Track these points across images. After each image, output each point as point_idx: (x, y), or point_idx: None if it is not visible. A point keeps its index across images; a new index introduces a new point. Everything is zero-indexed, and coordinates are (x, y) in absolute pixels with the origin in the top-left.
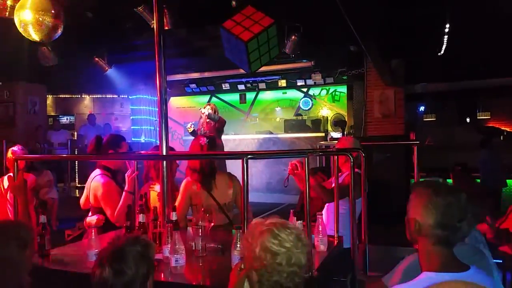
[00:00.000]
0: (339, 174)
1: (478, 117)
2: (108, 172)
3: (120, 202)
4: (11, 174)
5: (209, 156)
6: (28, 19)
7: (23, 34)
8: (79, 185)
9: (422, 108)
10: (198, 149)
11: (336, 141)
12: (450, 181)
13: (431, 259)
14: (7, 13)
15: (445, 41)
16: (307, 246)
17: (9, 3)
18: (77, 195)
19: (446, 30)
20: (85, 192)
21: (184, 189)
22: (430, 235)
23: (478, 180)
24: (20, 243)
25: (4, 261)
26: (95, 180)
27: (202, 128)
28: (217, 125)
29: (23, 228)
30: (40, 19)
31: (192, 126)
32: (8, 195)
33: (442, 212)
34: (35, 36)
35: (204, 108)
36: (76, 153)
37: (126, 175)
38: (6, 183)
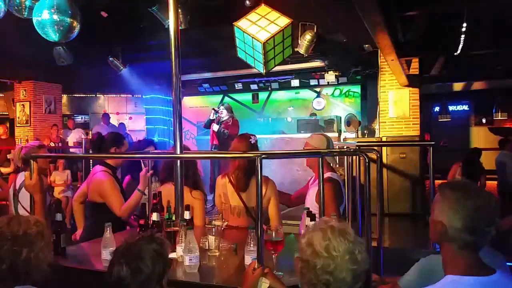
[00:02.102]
0: (312, 178)
1: (494, 118)
2: (109, 169)
3: (129, 199)
4: (27, 172)
5: (224, 157)
6: (46, 20)
7: (41, 35)
8: None
9: (437, 109)
10: (248, 147)
11: (351, 141)
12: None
13: (456, 262)
14: (25, 13)
15: (461, 41)
16: (358, 264)
17: (27, 3)
18: None
19: (463, 29)
20: (83, 187)
21: (216, 187)
22: (457, 239)
23: (494, 182)
24: (37, 233)
25: (28, 249)
26: (97, 176)
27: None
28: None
29: (37, 220)
30: (58, 19)
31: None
32: (20, 195)
33: (471, 216)
34: (53, 36)
35: (219, 108)
36: (90, 152)
37: (140, 174)
38: (18, 182)
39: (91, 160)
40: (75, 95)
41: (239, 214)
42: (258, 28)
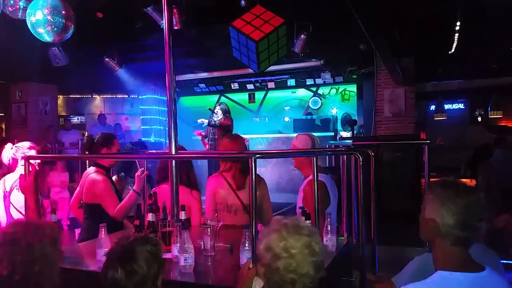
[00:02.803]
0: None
1: (490, 116)
2: (103, 170)
3: (124, 200)
4: (22, 173)
5: (218, 157)
6: (40, 20)
7: (35, 35)
8: None
9: (432, 107)
10: (242, 147)
11: (347, 140)
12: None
13: (447, 258)
14: (19, 14)
15: (455, 39)
16: (317, 255)
17: (21, 4)
18: None
19: (457, 28)
20: (78, 192)
21: (208, 187)
22: (449, 235)
23: None
24: (52, 241)
25: (42, 259)
26: (91, 177)
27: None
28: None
29: (51, 227)
30: (52, 20)
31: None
32: (11, 196)
33: (463, 212)
34: (46, 37)
35: (215, 108)
36: (87, 153)
37: (136, 175)
38: (9, 183)
39: (87, 161)
40: (71, 96)
41: (236, 212)
42: (252, 27)
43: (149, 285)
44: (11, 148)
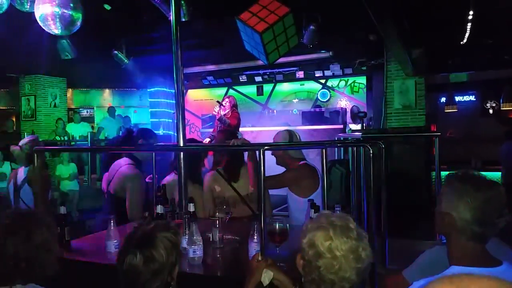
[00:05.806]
0: None
1: (502, 108)
2: (135, 163)
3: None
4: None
5: (227, 148)
6: (48, 12)
7: (43, 28)
8: (99, 177)
9: (443, 99)
10: (228, 135)
11: (356, 132)
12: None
13: (463, 253)
14: (27, 7)
15: (468, 30)
16: (362, 262)
17: None
18: (98, 187)
19: (470, 17)
20: (107, 178)
21: (205, 183)
22: (466, 230)
23: (499, 174)
24: (47, 227)
25: (42, 245)
26: (124, 170)
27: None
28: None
29: (43, 213)
30: (60, 12)
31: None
32: (21, 191)
33: (482, 207)
34: (55, 29)
35: (223, 101)
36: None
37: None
38: (20, 177)
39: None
40: (80, 89)
41: (234, 204)
42: (257, 19)
43: (166, 274)
44: (18, 144)
